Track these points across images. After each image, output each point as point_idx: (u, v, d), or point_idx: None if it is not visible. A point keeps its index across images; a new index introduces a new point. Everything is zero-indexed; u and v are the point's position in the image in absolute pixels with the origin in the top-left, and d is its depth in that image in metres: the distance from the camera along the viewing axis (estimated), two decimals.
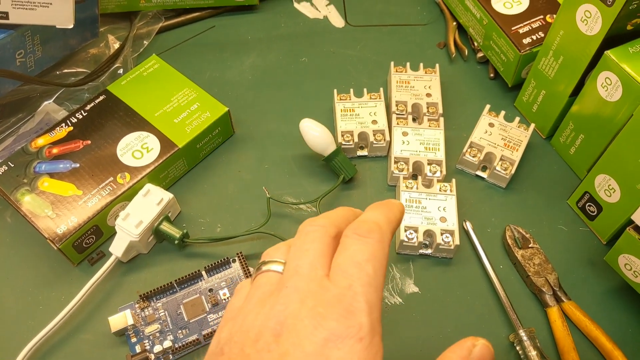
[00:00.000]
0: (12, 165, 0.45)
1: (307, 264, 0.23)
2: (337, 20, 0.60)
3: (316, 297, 0.22)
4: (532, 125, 0.49)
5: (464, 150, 0.48)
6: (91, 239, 0.44)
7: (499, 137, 0.48)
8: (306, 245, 0.24)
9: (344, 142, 0.48)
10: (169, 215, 0.45)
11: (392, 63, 0.53)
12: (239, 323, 0.23)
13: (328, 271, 0.23)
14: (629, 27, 0.40)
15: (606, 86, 0.41)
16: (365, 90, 0.51)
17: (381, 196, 0.48)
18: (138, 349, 0.40)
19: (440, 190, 0.45)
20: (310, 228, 0.25)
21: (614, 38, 0.40)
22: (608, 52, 0.40)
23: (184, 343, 0.39)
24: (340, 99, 0.50)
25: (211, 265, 0.42)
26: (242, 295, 0.25)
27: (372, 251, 0.23)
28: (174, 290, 0.42)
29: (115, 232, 0.43)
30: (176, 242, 0.43)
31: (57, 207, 0.43)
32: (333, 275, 0.23)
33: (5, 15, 0.43)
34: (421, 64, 0.52)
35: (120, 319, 0.40)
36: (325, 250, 0.24)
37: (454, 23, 0.58)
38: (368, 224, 0.24)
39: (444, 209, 0.44)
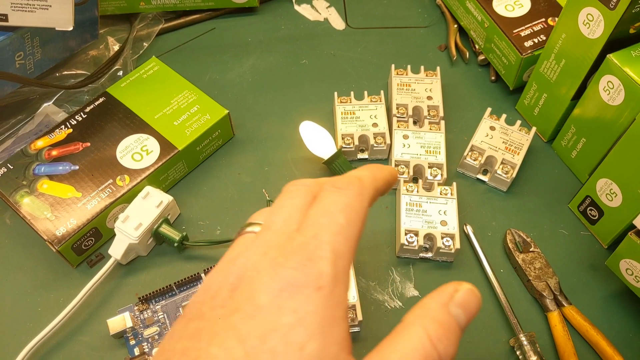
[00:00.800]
0: (12, 167, 0.45)
1: (281, 219, 0.22)
2: (338, 23, 0.60)
3: (280, 248, 0.20)
4: (534, 129, 0.48)
5: (465, 153, 0.48)
6: (90, 241, 0.43)
7: (500, 141, 0.48)
8: (284, 202, 0.23)
9: (344, 145, 0.48)
10: (169, 217, 0.44)
11: (392, 66, 0.52)
12: (203, 284, 0.22)
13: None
14: (631, 31, 0.40)
15: (608, 90, 0.41)
16: (365, 93, 0.51)
17: (381, 199, 0.47)
18: (137, 351, 0.39)
19: (440, 194, 0.45)
20: (293, 187, 0.23)
21: (617, 41, 0.40)
22: (610, 56, 0.40)
23: None
24: (341, 102, 0.50)
25: (210, 267, 0.42)
26: None
27: (348, 202, 0.22)
28: (173, 292, 0.42)
29: (115, 235, 0.43)
30: (175, 244, 0.43)
31: (56, 209, 0.43)
32: (302, 226, 0.21)
33: (5, 17, 0.43)
34: (422, 67, 0.52)
35: (119, 322, 0.40)
36: (303, 206, 0.22)
37: (455, 25, 0.58)
38: (348, 177, 0.23)
39: (444, 213, 0.44)
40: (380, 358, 0.19)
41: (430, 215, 0.44)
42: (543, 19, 0.50)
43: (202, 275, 0.42)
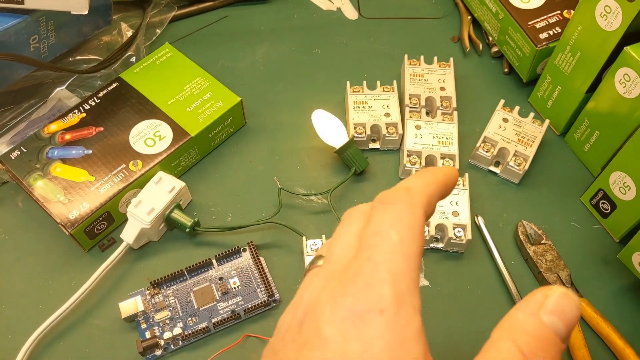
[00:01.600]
0: (25, 150, 0.45)
1: (339, 248, 0.22)
2: (351, 12, 0.60)
3: (339, 277, 0.20)
4: (547, 121, 0.48)
5: (478, 145, 0.47)
6: (103, 225, 0.44)
7: (513, 133, 0.47)
8: (341, 231, 0.23)
9: (356, 135, 0.48)
10: (181, 203, 0.45)
11: (405, 56, 0.52)
12: (276, 326, 0.23)
13: None
14: None
15: (624, 82, 0.41)
16: (378, 82, 0.51)
17: None
18: (148, 335, 0.40)
19: None
20: (348, 215, 0.23)
21: (634, 34, 0.40)
22: (628, 48, 0.39)
23: (193, 330, 0.39)
24: (353, 91, 0.50)
25: (222, 254, 0.42)
26: None
27: (397, 216, 0.20)
28: (185, 277, 0.42)
29: (127, 219, 0.43)
30: (187, 230, 0.43)
31: (69, 192, 0.43)
32: (357, 251, 0.21)
33: (21, 0, 0.43)
34: (435, 58, 0.52)
35: (131, 305, 0.40)
36: (359, 231, 0.22)
37: (469, 17, 0.57)
38: (396, 190, 0.21)
39: (456, 204, 0.44)
40: None
41: (442, 206, 0.44)
42: (558, 11, 0.50)
43: (214, 261, 0.42)
